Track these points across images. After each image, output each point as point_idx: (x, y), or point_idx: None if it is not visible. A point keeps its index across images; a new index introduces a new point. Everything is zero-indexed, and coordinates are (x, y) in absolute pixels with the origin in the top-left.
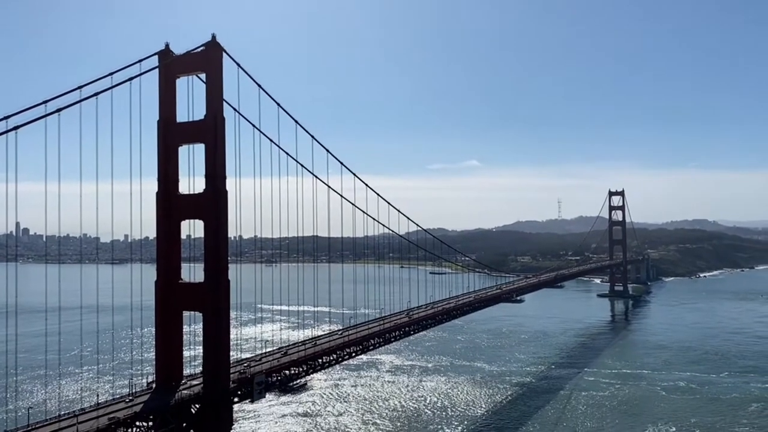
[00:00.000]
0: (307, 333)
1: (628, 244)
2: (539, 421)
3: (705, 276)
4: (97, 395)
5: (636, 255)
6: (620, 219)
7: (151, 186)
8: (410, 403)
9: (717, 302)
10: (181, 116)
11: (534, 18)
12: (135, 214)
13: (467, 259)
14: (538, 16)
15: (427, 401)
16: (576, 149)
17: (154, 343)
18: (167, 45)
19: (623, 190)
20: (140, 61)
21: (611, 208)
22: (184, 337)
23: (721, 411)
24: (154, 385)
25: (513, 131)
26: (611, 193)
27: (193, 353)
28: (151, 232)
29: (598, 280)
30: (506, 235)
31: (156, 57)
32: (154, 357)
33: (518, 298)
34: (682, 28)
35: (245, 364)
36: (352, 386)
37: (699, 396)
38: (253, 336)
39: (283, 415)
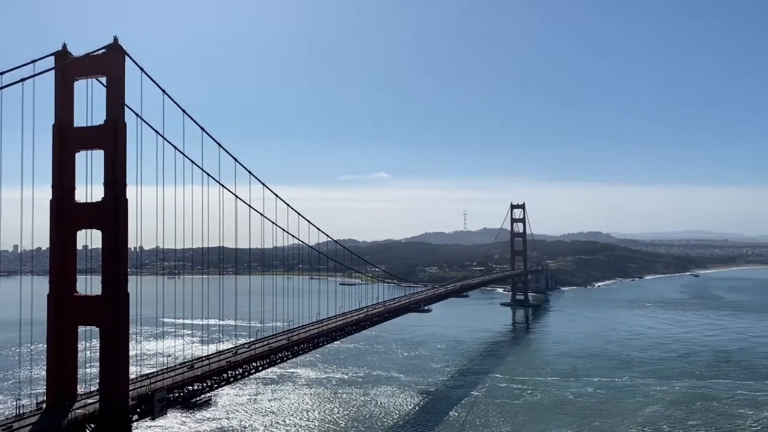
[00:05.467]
0: (212, 347)
1: (528, 254)
2: (453, 429)
3: (599, 285)
4: None
5: (536, 265)
6: (521, 231)
7: (45, 193)
8: (322, 416)
9: (611, 310)
10: (80, 121)
11: (445, 35)
12: (26, 223)
13: (377, 269)
14: (450, 33)
15: (341, 413)
16: (481, 163)
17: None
18: (65, 46)
19: (524, 203)
20: (34, 61)
21: (513, 221)
22: (81, 353)
23: (623, 413)
24: (44, 405)
25: (421, 144)
26: (513, 206)
27: (91, 371)
28: (44, 242)
29: (500, 290)
30: (414, 246)
31: (52, 58)
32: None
33: (426, 307)
34: (591, 44)
35: (145, 380)
36: (266, 400)
37: (604, 400)
38: (155, 351)
39: None
